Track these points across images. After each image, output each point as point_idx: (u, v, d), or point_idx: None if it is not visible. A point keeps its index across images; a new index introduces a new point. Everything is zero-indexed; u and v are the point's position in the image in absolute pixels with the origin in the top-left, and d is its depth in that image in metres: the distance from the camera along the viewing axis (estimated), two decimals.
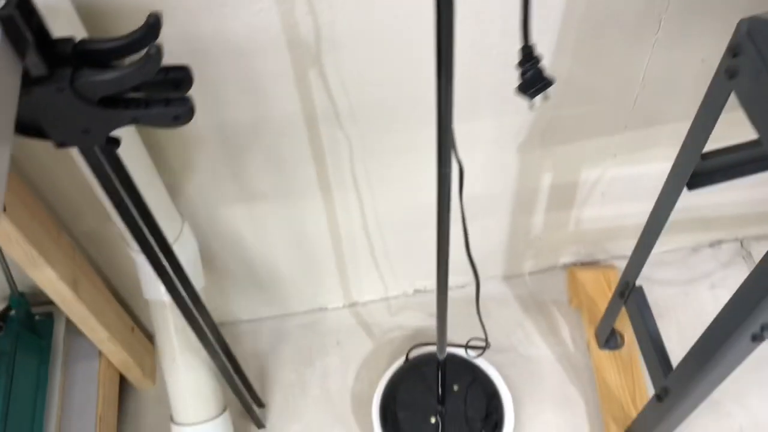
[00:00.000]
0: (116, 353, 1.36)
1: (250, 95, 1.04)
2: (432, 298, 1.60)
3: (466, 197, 0.90)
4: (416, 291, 1.62)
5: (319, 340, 1.58)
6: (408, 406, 1.35)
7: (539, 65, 0.59)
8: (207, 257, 1.33)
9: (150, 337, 1.56)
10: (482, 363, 1.40)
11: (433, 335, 1.52)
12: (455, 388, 1.35)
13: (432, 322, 1.56)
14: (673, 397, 1.09)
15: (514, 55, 1.05)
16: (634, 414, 1.33)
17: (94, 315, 1.24)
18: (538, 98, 0.61)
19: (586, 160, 1.31)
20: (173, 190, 1.17)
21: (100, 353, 1.37)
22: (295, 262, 1.45)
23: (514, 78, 1.08)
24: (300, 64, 1.00)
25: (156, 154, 1.09)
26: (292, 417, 1.48)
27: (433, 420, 1.33)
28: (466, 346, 1.40)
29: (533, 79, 0.59)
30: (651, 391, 1.25)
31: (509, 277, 1.62)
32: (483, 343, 1.39)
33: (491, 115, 1.16)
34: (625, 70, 1.11)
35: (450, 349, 1.34)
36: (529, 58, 0.58)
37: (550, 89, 0.62)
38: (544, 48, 1.04)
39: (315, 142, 1.14)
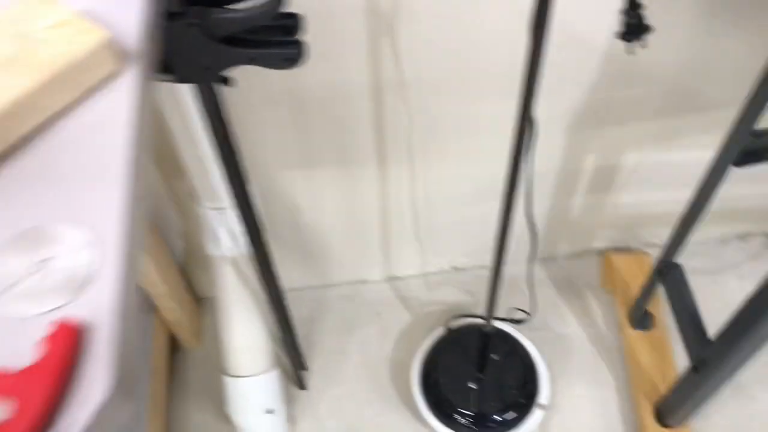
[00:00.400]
0: (171, 310, 1.42)
1: (323, 61, 1.10)
2: (469, 276, 1.67)
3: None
4: (454, 268, 1.67)
5: (359, 310, 1.64)
6: (447, 371, 1.41)
7: (641, 12, 0.65)
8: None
9: (197, 300, 1.62)
10: (520, 335, 1.46)
11: (469, 310, 1.59)
12: (494, 357, 1.41)
13: (468, 298, 1.63)
14: (711, 367, 1.15)
15: (572, 34, 1.12)
16: (664, 391, 1.38)
17: (156, 270, 1.30)
18: (632, 45, 0.67)
19: (631, 144, 1.36)
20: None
21: (154, 309, 1.43)
22: (343, 232, 1.51)
23: (568, 58, 1.15)
24: (375, 32, 1.06)
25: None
26: (333, 381, 1.53)
27: (472, 386, 1.38)
28: (510, 320, 1.46)
29: (636, 26, 0.65)
30: (682, 371, 1.30)
31: (544, 260, 1.68)
32: (522, 317, 1.44)
33: (543, 94, 1.21)
34: (678, 56, 1.17)
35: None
36: (634, 6, 0.64)
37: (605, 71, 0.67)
38: (606, 29, 1.10)
39: (378, 111, 1.20)
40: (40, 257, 0.47)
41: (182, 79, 0.73)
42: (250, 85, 1.13)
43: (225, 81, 0.76)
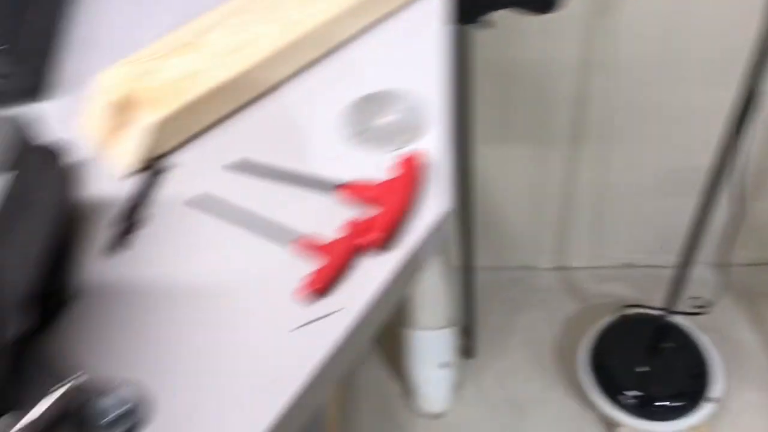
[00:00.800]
0: None
1: (540, 35, 1.20)
2: (640, 274, 1.70)
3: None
4: (625, 264, 1.70)
5: (527, 294, 1.70)
6: (617, 354, 1.45)
7: None
8: None
9: None
10: (694, 330, 1.47)
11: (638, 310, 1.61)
12: (666, 346, 1.43)
13: (639, 295, 1.65)
14: None
15: None
16: None
17: None
18: None
19: None
20: None
21: None
22: (522, 214, 1.59)
23: None
24: (594, 11, 1.15)
25: None
26: (498, 356, 1.61)
27: (641, 369, 1.41)
28: (687, 312, 1.47)
29: None
30: None
31: (721, 265, 1.67)
32: (700, 310, 1.46)
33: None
34: None
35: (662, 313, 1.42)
36: None
37: None
38: None
39: (581, 90, 1.28)
40: (387, 111, 0.59)
41: (462, 22, 0.85)
42: None
43: (485, 24, 0.87)
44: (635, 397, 1.39)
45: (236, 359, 0.47)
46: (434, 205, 0.54)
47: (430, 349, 1.41)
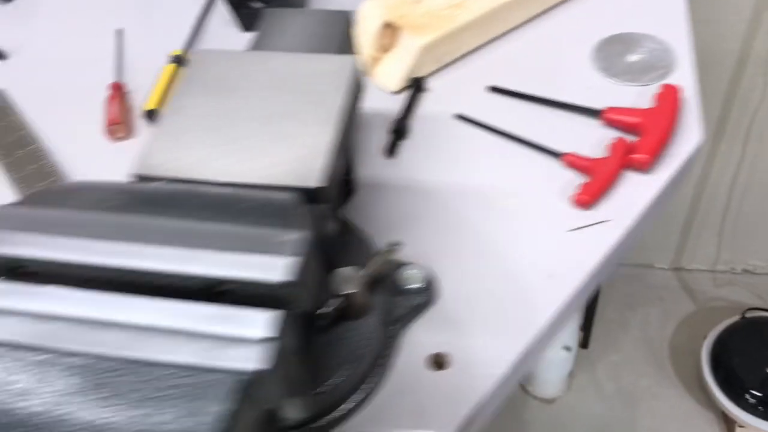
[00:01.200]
0: None
1: (702, 25, 1.20)
2: (761, 281, 1.68)
3: None
4: (745, 270, 1.69)
5: (643, 291, 1.70)
6: (741, 353, 1.43)
7: None
8: None
9: None
10: None
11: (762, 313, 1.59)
12: None
13: (758, 301, 1.63)
14: None
15: None
16: None
17: None
18: None
19: None
20: None
21: None
22: None
23: None
24: (760, 5, 1.16)
25: None
26: (611, 348, 1.61)
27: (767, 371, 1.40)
28: None
29: None
30: None
31: None
32: None
33: None
34: None
35: None
36: None
37: None
38: None
39: (733, 83, 1.29)
40: (634, 50, 0.63)
41: None
42: None
43: None
44: (760, 397, 1.38)
45: (514, 253, 0.51)
46: (690, 135, 0.57)
47: None
